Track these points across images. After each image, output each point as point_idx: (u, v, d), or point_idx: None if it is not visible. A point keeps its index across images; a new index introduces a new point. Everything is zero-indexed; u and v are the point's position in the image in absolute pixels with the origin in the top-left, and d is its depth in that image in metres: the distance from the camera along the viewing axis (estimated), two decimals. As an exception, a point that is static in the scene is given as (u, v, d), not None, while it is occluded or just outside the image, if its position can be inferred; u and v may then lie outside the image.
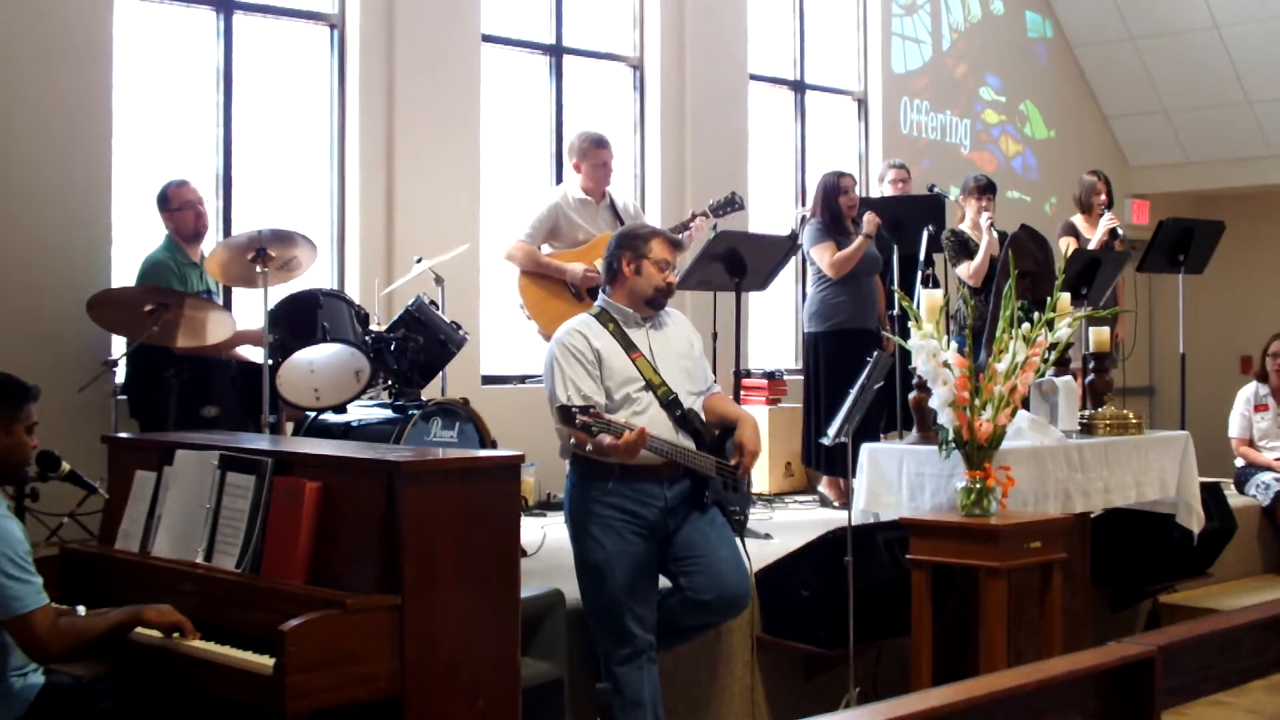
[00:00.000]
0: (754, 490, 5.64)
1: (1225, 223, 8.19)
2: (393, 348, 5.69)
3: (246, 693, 3.38)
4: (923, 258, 6.76)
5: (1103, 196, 8.01)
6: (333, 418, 5.73)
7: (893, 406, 6.81)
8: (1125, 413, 5.80)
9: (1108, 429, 5.66)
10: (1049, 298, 5.06)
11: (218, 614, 3.61)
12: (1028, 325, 4.84)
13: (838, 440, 4.83)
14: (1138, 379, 10.56)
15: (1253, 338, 9.56)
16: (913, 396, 5.26)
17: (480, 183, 7.61)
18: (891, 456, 5.25)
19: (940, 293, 5.21)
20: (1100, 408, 5.76)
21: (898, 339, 5.29)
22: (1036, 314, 4.93)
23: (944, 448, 4.85)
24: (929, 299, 4.99)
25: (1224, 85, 11.33)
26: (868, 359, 5.03)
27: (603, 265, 4.68)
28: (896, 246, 7.09)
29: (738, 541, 4.57)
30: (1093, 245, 7.69)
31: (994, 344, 4.88)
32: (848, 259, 7.02)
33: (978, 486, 4.69)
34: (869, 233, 7.01)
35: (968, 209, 7.43)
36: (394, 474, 3.48)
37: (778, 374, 8.46)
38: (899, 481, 5.18)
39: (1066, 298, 5.31)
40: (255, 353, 5.76)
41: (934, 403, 4.81)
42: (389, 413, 5.61)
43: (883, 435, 6.81)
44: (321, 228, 7.06)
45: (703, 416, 4.55)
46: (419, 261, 6.36)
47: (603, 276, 4.69)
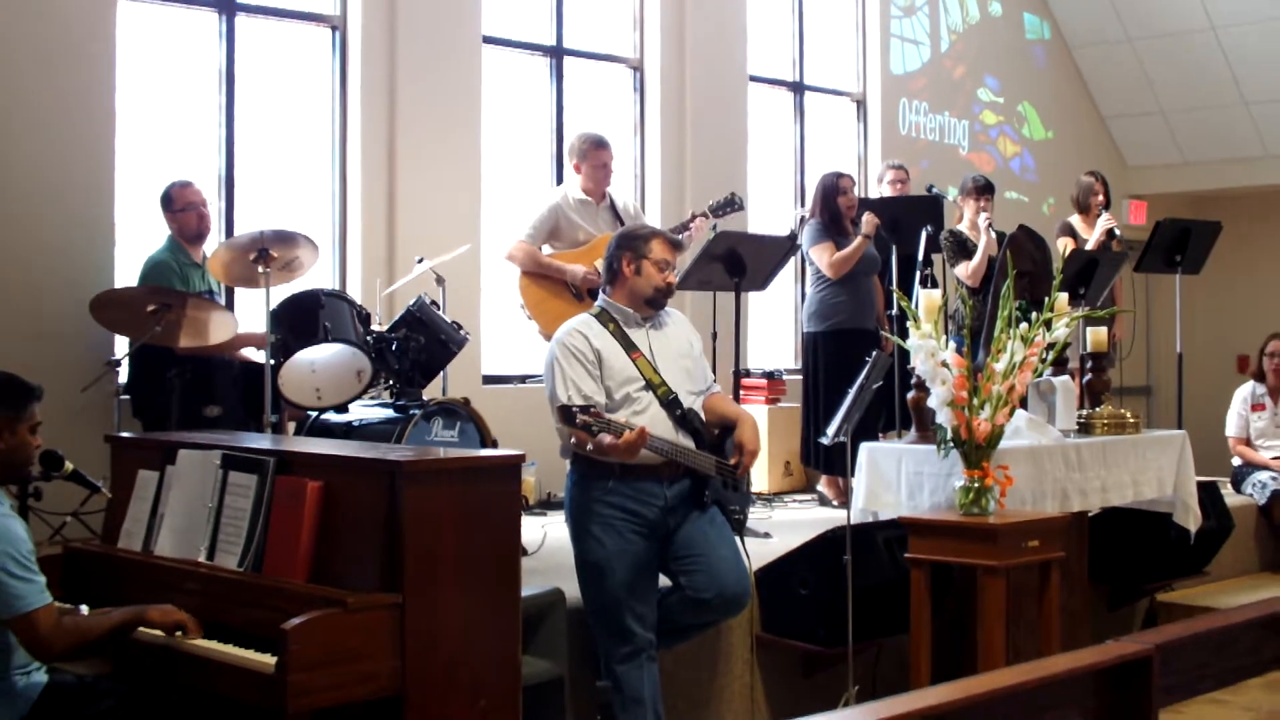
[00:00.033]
0: (753, 489, 5.64)
1: (1222, 223, 8.19)
2: (394, 348, 5.70)
3: (248, 691, 3.39)
4: (921, 258, 6.76)
5: (1100, 197, 8.02)
6: (334, 417, 5.73)
7: (891, 406, 6.81)
8: (1123, 412, 5.81)
9: (1105, 428, 5.67)
10: (1047, 298, 5.05)
11: (220, 613, 3.61)
12: (1026, 325, 4.84)
13: (837, 440, 4.84)
14: (1135, 379, 10.55)
15: (1249, 337, 9.57)
16: (911, 396, 5.27)
17: (481, 183, 7.62)
18: (890, 456, 5.26)
19: (938, 293, 5.20)
20: (1098, 407, 5.76)
21: (896, 339, 5.30)
22: (1034, 314, 4.92)
23: (942, 447, 4.85)
24: (927, 299, 4.99)
25: (1221, 86, 11.33)
26: (866, 359, 5.02)
27: (603, 265, 4.69)
28: (895, 247, 7.09)
29: (737, 540, 4.58)
30: (1090, 245, 7.69)
31: (992, 344, 4.88)
32: (846, 259, 7.04)
33: (976, 486, 4.69)
34: (868, 233, 7.02)
35: (966, 209, 7.43)
36: (395, 473, 3.48)
37: (777, 374, 8.46)
38: (898, 481, 5.18)
39: (1064, 298, 5.31)
40: (257, 353, 5.78)
41: (932, 402, 4.81)
42: (390, 412, 5.61)
43: (881, 435, 6.80)
44: (323, 228, 7.07)
45: (702, 416, 4.55)
46: (420, 262, 6.37)
47: (603, 277, 4.70)
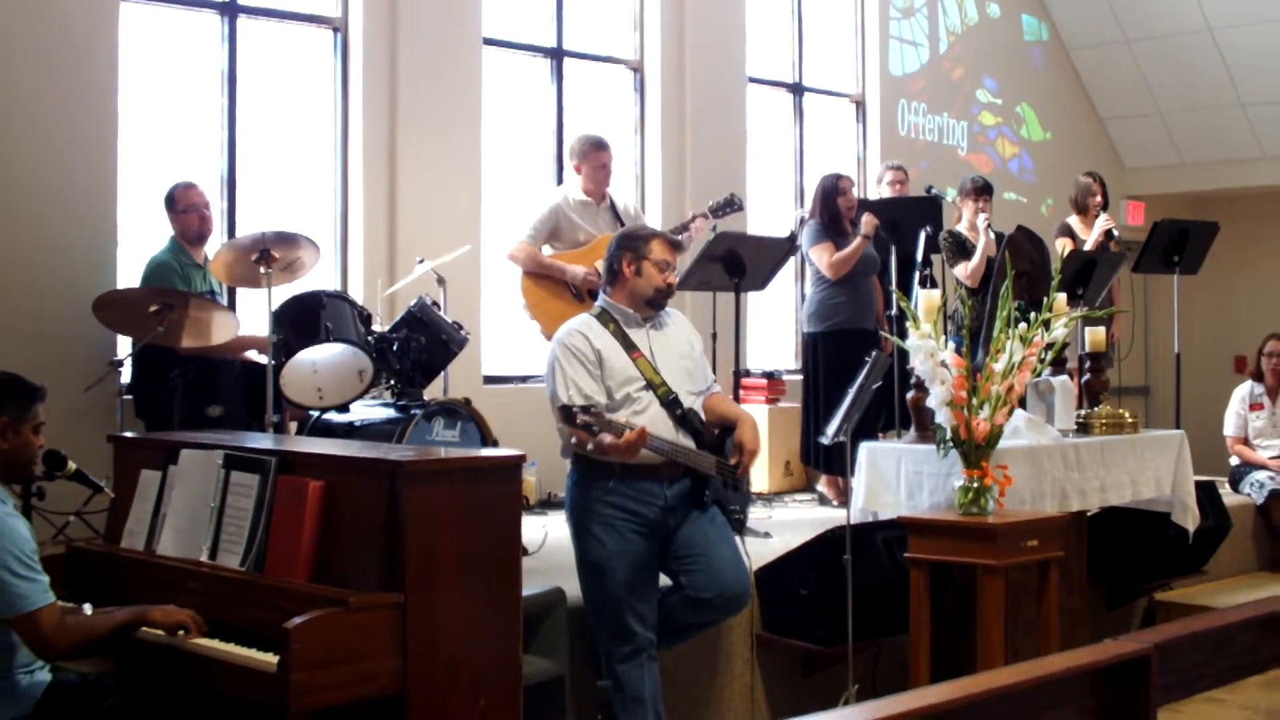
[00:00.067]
0: (753, 489, 5.67)
1: (1219, 224, 8.21)
2: (395, 348, 5.71)
3: (250, 690, 3.40)
4: (920, 258, 6.76)
5: (1098, 198, 8.03)
6: (336, 417, 5.74)
7: (891, 406, 6.81)
8: (1121, 412, 5.82)
9: (1104, 428, 5.68)
10: (1045, 298, 5.06)
11: (222, 612, 3.62)
12: (1024, 325, 4.85)
13: (836, 439, 4.85)
14: (1133, 379, 10.55)
15: (1247, 337, 9.61)
16: (911, 396, 5.27)
17: (482, 184, 7.63)
18: (890, 456, 5.27)
19: (938, 293, 5.21)
20: (1096, 407, 5.77)
21: (896, 339, 5.31)
22: (1033, 314, 4.93)
23: (942, 447, 4.86)
24: (926, 299, 4.99)
25: (1218, 88, 11.33)
26: (866, 359, 5.04)
27: (603, 266, 4.69)
28: (894, 247, 7.09)
29: (737, 540, 4.59)
30: (1088, 246, 7.70)
31: (991, 344, 4.89)
32: (846, 260, 7.05)
33: (975, 485, 4.70)
34: (867, 234, 7.02)
35: (965, 210, 7.44)
36: (396, 473, 3.48)
37: (777, 374, 8.46)
38: (897, 480, 5.19)
39: (1063, 298, 5.31)
40: (259, 354, 5.79)
41: (932, 402, 4.82)
42: (391, 412, 5.63)
43: (881, 434, 6.82)
44: (325, 229, 7.08)
45: (702, 416, 4.56)
46: (421, 262, 6.37)
47: (603, 277, 4.71)
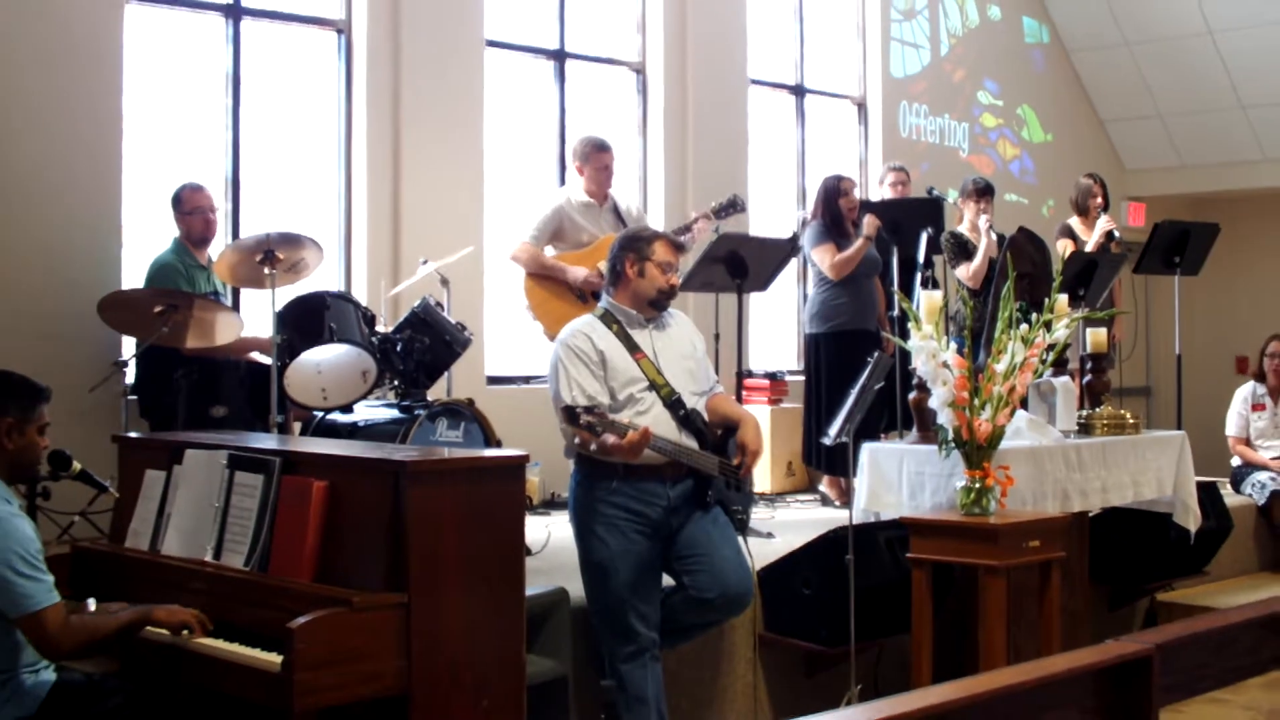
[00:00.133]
0: (756, 489, 5.67)
1: (1220, 225, 8.23)
2: (399, 348, 5.72)
3: (254, 690, 3.40)
4: (922, 260, 6.77)
5: (1099, 199, 8.04)
6: (340, 418, 5.74)
7: (893, 407, 6.83)
8: (1122, 413, 5.83)
9: (1105, 429, 5.68)
10: (1047, 299, 5.07)
11: (226, 612, 3.62)
12: (1026, 326, 4.85)
13: (839, 440, 4.86)
14: (1134, 379, 10.57)
15: (1247, 338, 9.62)
16: (913, 397, 5.28)
17: (485, 185, 7.64)
18: (892, 456, 5.28)
19: (939, 294, 5.23)
20: (1098, 408, 5.78)
21: (898, 340, 5.32)
22: (1034, 315, 4.94)
23: (944, 447, 4.87)
24: (928, 300, 5.00)
25: (1218, 90, 11.34)
26: (868, 360, 5.05)
27: (606, 267, 4.70)
28: (896, 248, 7.11)
29: (740, 540, 4.59)
30: (1089, 247, 7.71)
31: (993, 345, 4.89)
32: (848, 261, 7.06)
33: (977, 486, 4.71)
34: (869, 235, 7.04)
35: (966, 211, 7.45)
36: (400, 473, 3.49)
37: (779, 374, 8.47)
38: (899, 481, 5.20)
39: (1064, 299, 5.32)
40: (264, 355, 5.80)
41: (934, 403, 4.83)
42: (395, 413, 5.63)
43: (883, 435, 6.83)
44: (329, 230, 7.09)
45: (705, 416, 4.56)
46: (424, 263, 6.38)
47: (606, 278, 4.71)
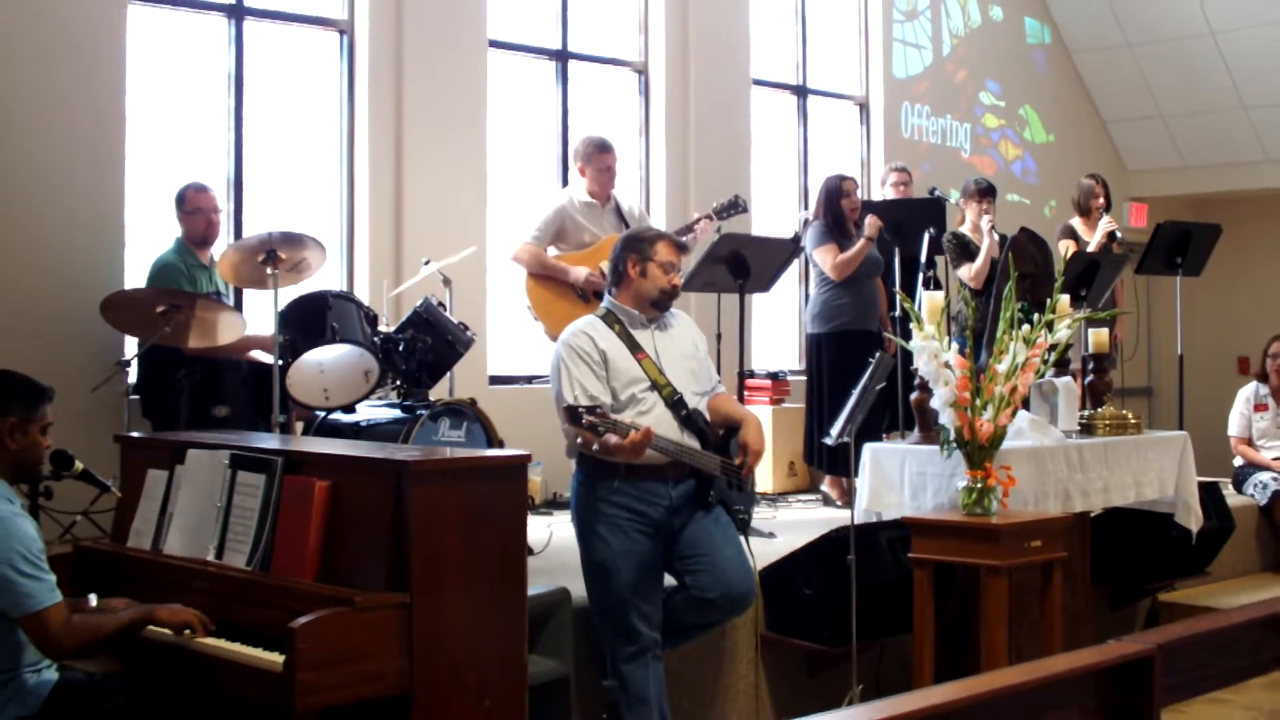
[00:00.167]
0: (758, 489, 5.67)
1: (1222, 226, 8.23)
2: (401, 348, 5.73)
3: (256, 689, 3.41)
4: (924, 260, 6.79)
5: (1101, 200, 8.04)
6: (342, 417, 5.75)
7: (895, 407, 6.83)
8: (1124, 413, 5.82)
9: (1107, 429, 5.68)
10: (1049, 299, 5.07)
11: (228, 611, 3.63)
12: (1028, 327, 4.85)
13: (840, 440, 4.86)
14: (1136, 380, 10.58)
15: (1249, 339, 9.62)
16: (914, 397, 5.28)
17: (487, 186, 7.64)
18: (894, 456, 5.28)
19: (941, 294, 5.23)
20: (1100, 408, 5.78)
21: (899, 340, 5.31)
22: (1036, 315, 4.94)
23: (945, 448, 4.87)
24: (930, 301, 5.00)
25: (1220, 91, 11.34)
26: (870, 360, 5.04)
27: (609, 267, 4.71)
28: (898, 249, 7.12)
29: (742, 540, 4.59)
30: (1091, 248, 7.71)
31: (995, 345, 4.90)
32: (850, 261, 7.06)
33: (979, 486, 4.71)
34: (871, 235, 7.04)
35: (968, 212, 7.45)
36: (402, 473, 3.49)
37: (781, 375, 8.48)
38: (901, 481, 5.20)
39: (1066, 299, 5.32)
40: (265, 354, 5.81)
41: (935, 403, 4.83)
42: (397, 413, 5.64)
43: (885, 435, 6.83)
44: (331, 230, 7.10)
45: (707, 416, 4.57)
46: (427, 263, 6.39)
47: (608, 278, 4.72)
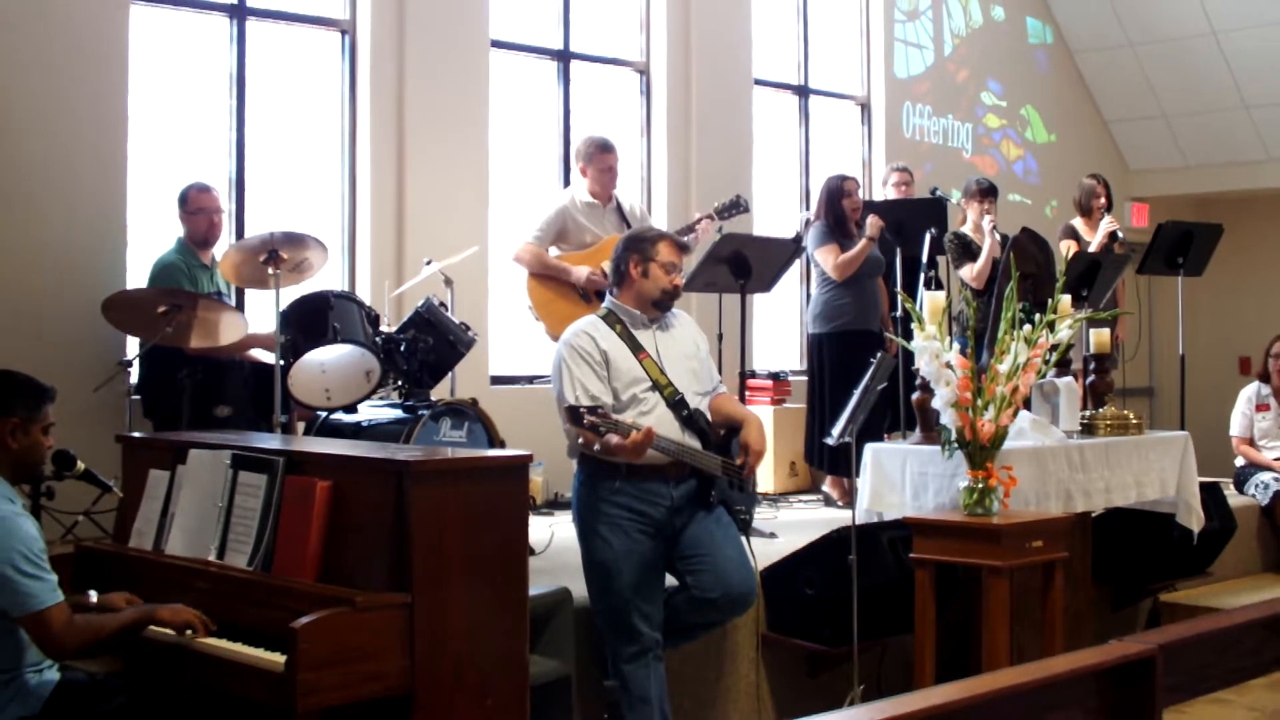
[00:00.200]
0: (759, 490, 5.67)
1: (1224, 226, 8.22)
2: (403, 348, 5.73)
3: (258, 689, 3.41)
4: (925, 260, 6.79)
5: (1102, 200, 8.04)
6: (343, 417, 5.75)
7: (896, 407, 6.83)
8: (1126, 413, 5.83)
9: (1108, 429, 5.68)
10: (1050, 300, 5.08)
11: (229, 611, 3.63)
12: (1029, 327, 4.85)
13: (842, 440, 4.86)
14: (1138, 380, 10.58)
15: (1251, 339, 9.61)
16: (916, 397, 5.28)
17: (489, 186, 7.65)
18: (895, 456, 5.28)
19: (943, 295, 5.22)
20: (1101, 408, 5.78)
21: (901, 340, 5.31)
22: (1038, 316, 4.94)
23: (947, 448, 4.88)
24: (932, 301, 5.00)
25: (1222, 91, 11.34)
26: (871, 360, 5.05)
27: (610, 268, 4.71)
28: (899, 249, 7.12)
29: (743, 540, 4.59)
30: (1093, 248, 7.71)
31: (996, 345, 4.90)
32: (851, 261, 7.06)
33: (980, 486, 4.72)
34: (872, 235, 7.04)
35: (970, 212, 7.46)
36: (404, 473, 3.50)
37: (782, 375, 8.48)
38: (902, 481, 5.20)
39: (1067, 300, 5.32)
40: (267, 354, 5.81)
41: (937, 403, 4.83)
42: (399, 413, 5.64)
43: (886, 435, 6.83)
44: (333, 230, 7.11)
45: (708, 416, 4.57)
46: (428, 263, 6.39)
47: (610, 278, 4.73)
